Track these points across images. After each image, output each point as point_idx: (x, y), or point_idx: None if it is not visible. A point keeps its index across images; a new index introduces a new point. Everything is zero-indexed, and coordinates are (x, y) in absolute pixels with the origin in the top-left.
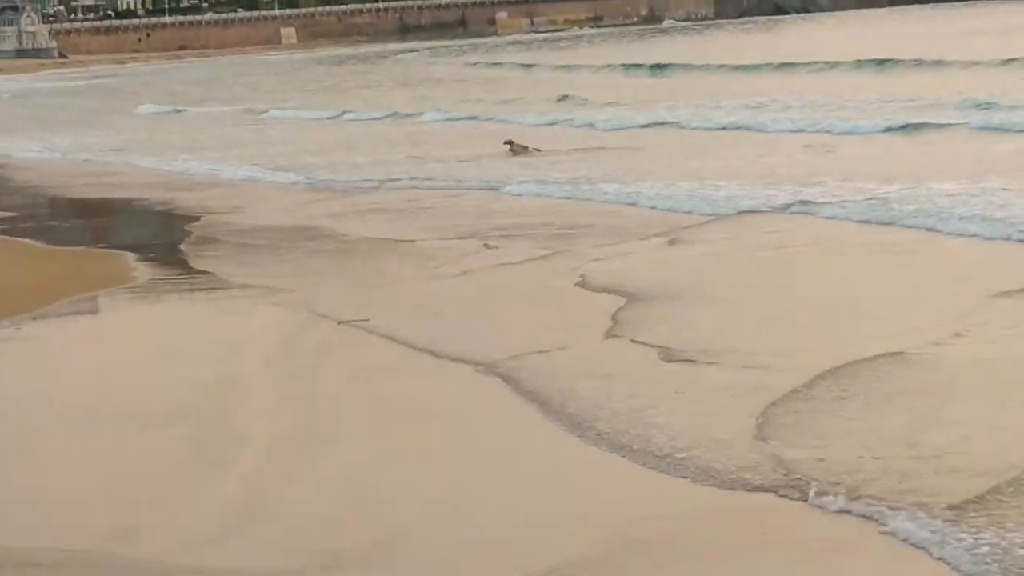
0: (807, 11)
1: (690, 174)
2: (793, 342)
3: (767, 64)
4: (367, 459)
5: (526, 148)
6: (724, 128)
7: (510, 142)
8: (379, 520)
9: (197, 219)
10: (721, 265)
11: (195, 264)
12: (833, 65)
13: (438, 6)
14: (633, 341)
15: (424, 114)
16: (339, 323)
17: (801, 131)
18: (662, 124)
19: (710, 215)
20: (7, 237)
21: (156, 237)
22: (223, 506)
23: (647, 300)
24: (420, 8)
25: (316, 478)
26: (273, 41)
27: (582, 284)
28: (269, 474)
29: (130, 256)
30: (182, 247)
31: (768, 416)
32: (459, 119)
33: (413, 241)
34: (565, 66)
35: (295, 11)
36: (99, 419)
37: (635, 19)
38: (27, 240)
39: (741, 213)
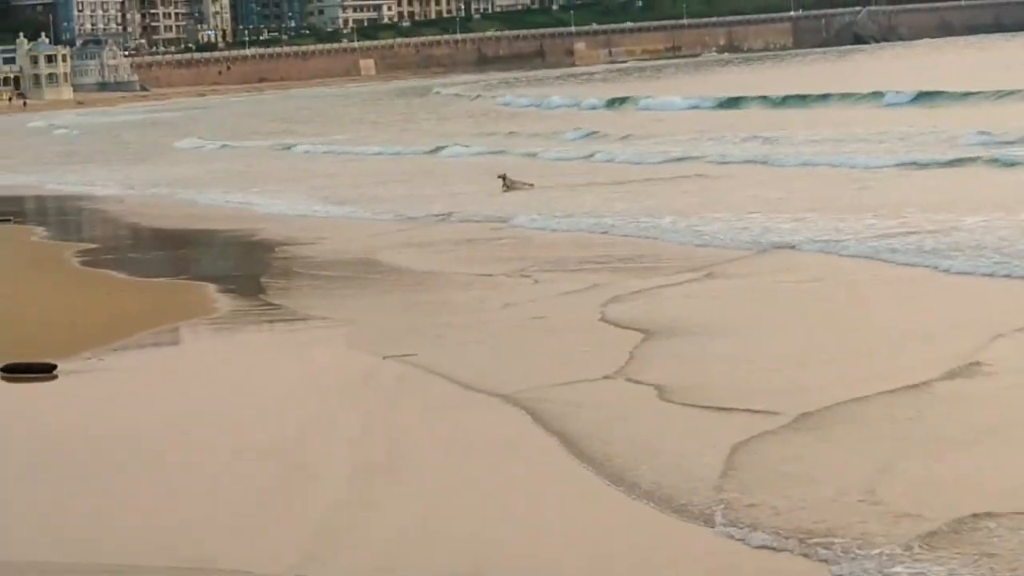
0: (886, 40)
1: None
2: (790, 381)
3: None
4: (427, 489)
5: (519, 183)
6: (731, 162)
7: (503, 176)
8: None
9: (274, 251)
10: (739, 301)
11: (273, 297)
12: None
13: (516, 37)
14: (629, 380)
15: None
16: (384, 358)
17: (812, 164)
18: (681, 159)
19: (738, 250)
20: (90, 269)
21: (236, 269)
22: (290, 532)
23: (664, 336)
24: (498, 39)
25: (383, 510)
26: (352, 73)
27: (604, 319)
28: (341, 504)
29: (211, 287)
30: (263, 279)
31: (738, 453)
32: (484, 152)
33: (457, 273)
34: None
35: (374, 43)
36: (177, 449)
37: (713, 49)
38: (109, 271)
39: (761, 251)
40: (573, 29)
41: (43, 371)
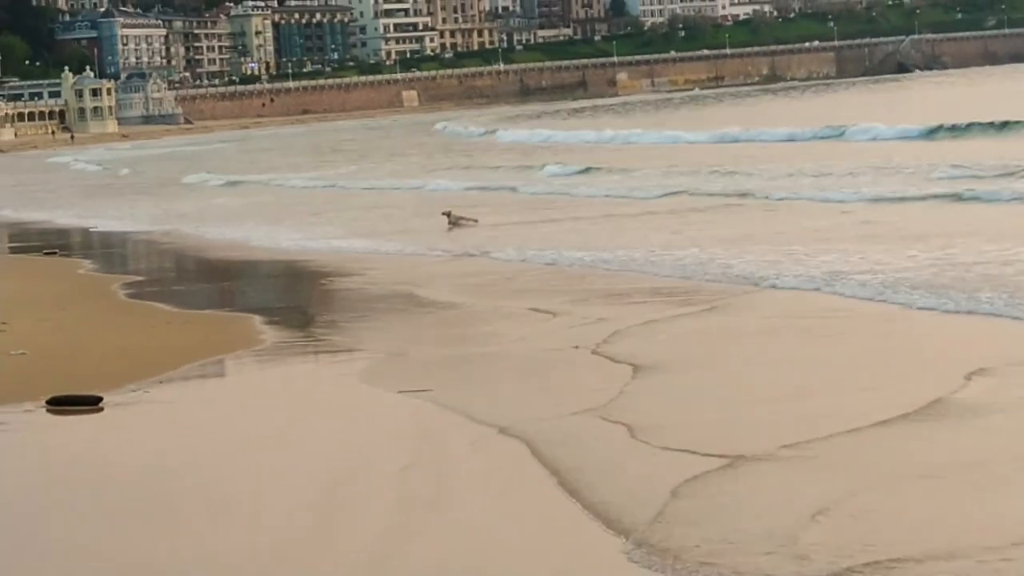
0: (930, 68)
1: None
2: (745, 422)
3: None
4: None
5: (464, 219)
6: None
7: (448, 213)
8: None
9: (319, 283)
10: (727, 340)
11: (318, 329)
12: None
13: (558, 68)
14: (603, 419)
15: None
16: (399, 392)
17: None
18: (674, 193)
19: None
20: (136, 301)
21: (279, 301)
22: (333, 566)
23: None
24: (540, 70)
25: (426, 541)
26: (395, 104)
27: (599, 352)
28: (385, 536)
29: (257, 319)
30: (307, 311)
31: (679, 493)
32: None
33: (472, 304)
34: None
35: (416, 74)
36: (221, 481)
37: (756, 79)
38: (155, 303)
39: (758, 288)
40: (615, 59)
41: (89, 403)
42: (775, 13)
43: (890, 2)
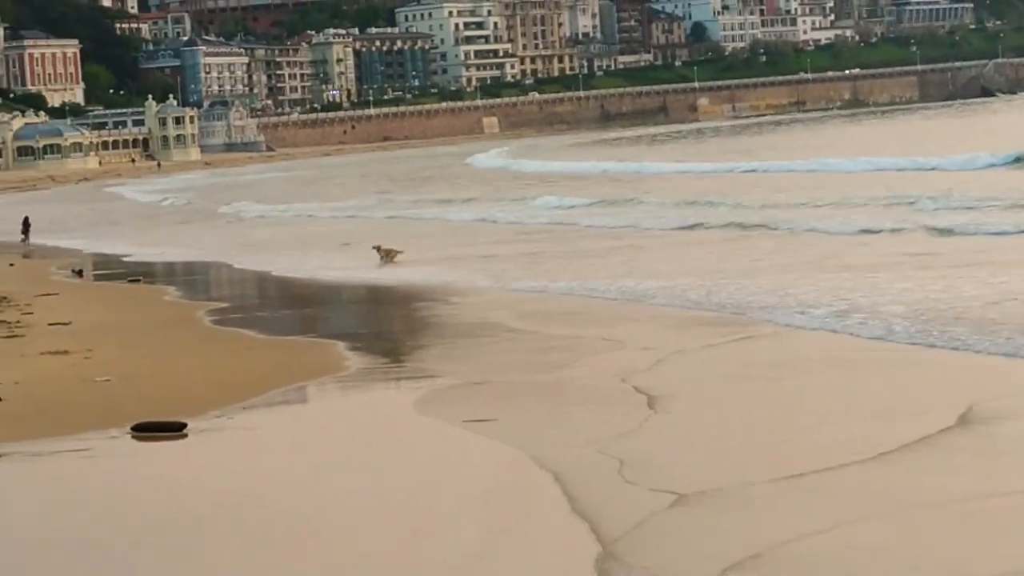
0: (1013, 92)
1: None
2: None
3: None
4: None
5: (393, 251)
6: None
7: (378, 247)
8: None
9: (400, 310)
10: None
11: (403, 356)
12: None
13: (639, 94)
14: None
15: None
16: (464, 421)
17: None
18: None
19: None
20: (221, 327)
21: (363, 327)
22: None
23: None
24: (621, 96)
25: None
26: (475, 131)
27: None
28: (466, 562)
29: (341, 345)
30: (392, 337)
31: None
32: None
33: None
34: None
35: (497, 101)
36: (304, 507)
37: (838, 103)
38: (240, 330)
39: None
40: (696, 85)
41: (174, 429)
42: (857, 38)
43: (973, 26)
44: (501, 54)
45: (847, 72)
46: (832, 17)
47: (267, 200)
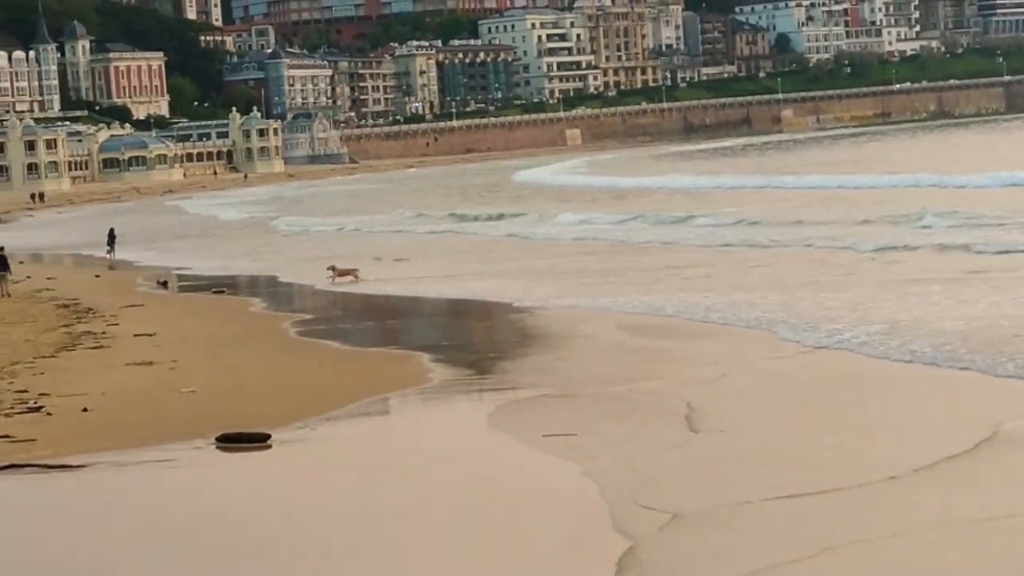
0: None
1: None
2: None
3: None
4: None
5: (348, 271)
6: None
7: (332, 268)
8: None
9: (477, 322)
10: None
11: (483, 367)
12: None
13: (722, 105)
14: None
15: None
16: (544, 435)
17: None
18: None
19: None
20: (305, 339)
21: (445, 339)
22: None
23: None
24: (704, 107)
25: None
26: (558, 143)
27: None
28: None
29: (424, 357)
30: (474, 349)
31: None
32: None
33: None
34: None
35: (580, 112)
36: (388, 519)
37: (923, 115)
38: (324, 341)
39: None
40: (780, 96)
41: (258, 441)
42: (943, 49)
43: None
44: (584, 66)
45: (933, 83)
46: (917, 28)
47: (315, 213)
